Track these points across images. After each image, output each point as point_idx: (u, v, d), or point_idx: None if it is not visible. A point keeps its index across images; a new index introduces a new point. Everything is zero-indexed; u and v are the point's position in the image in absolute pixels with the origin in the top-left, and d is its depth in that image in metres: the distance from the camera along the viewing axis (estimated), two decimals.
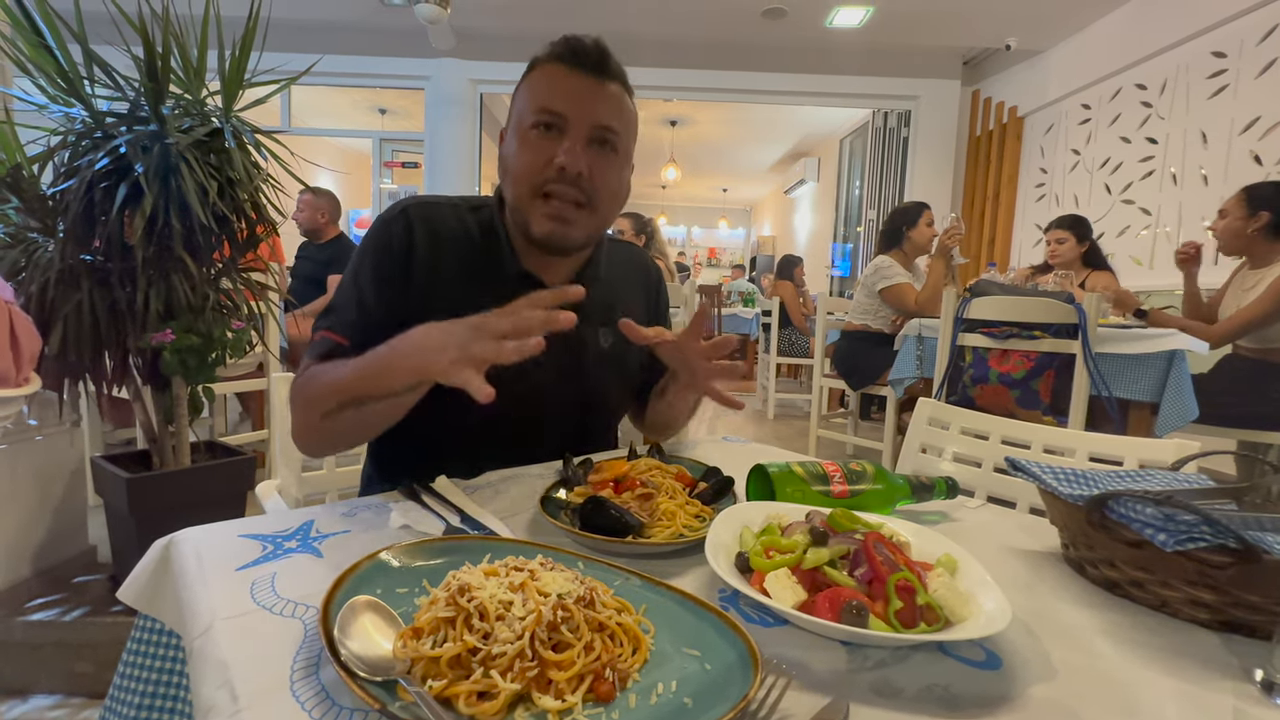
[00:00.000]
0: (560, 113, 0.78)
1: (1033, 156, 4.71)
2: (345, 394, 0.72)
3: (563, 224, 0.81)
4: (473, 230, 0.88)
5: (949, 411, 1.13)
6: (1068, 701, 0.41)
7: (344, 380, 0.72)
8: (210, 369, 1.58)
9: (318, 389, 0.76)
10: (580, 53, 0.79)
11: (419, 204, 0.87)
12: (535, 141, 0.79)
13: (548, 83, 0.80)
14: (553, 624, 0.39)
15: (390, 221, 0.85)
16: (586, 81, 0.80)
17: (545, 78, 0.81)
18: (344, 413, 0.73)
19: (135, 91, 1.47)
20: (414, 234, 0.84)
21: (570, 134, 0.79)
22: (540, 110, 0.79)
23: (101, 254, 1.45)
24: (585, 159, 0.79)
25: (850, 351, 3.13)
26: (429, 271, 0.84)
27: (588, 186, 0.80)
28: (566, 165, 0.78)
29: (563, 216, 0.80)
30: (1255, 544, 0.46)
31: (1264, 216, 2.19)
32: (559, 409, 0.90)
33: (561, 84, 0.79)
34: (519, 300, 0.61)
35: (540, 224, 0.81)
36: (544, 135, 0.79)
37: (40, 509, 1.60)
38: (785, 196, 9.42)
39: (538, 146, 0.79)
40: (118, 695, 0.57)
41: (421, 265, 0.83)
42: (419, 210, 0.86)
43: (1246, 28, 3.19)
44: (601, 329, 0.93)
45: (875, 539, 0.51)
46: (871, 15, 4.33)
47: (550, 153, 0.78)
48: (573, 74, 0.79)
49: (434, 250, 0.84)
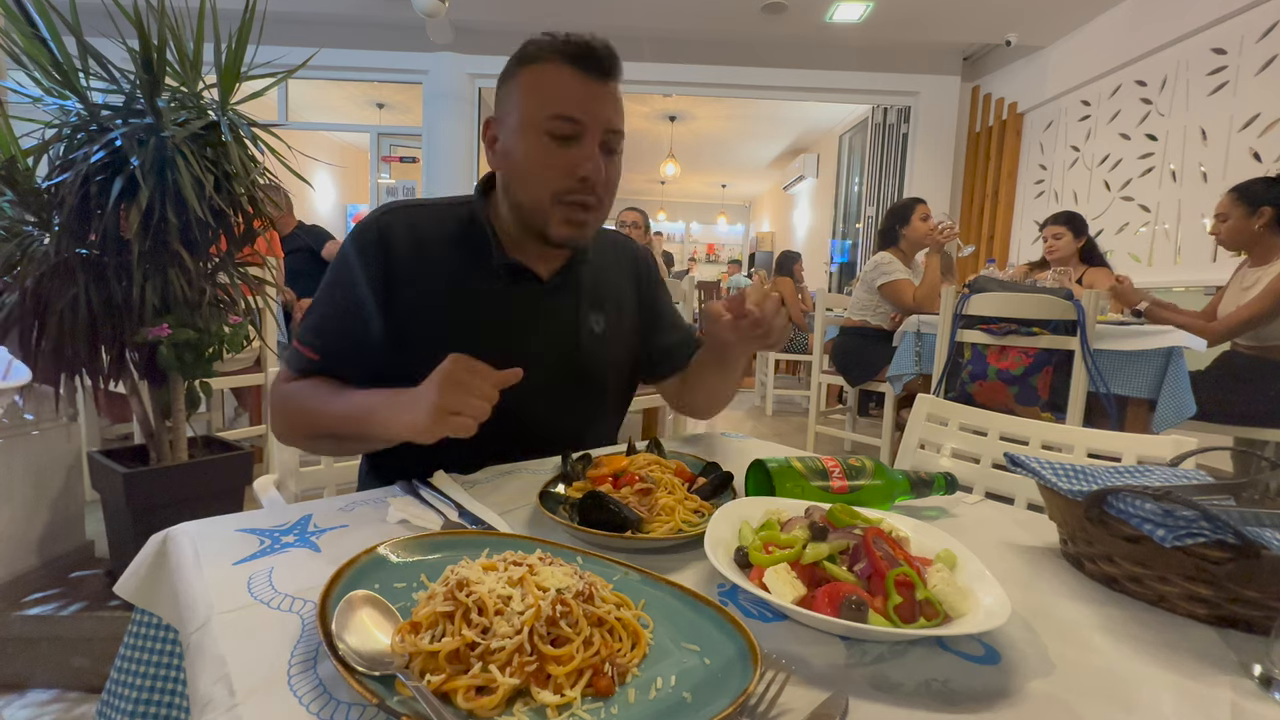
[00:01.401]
0: (578, 120, 0.79)
1: (1032, 153, 4.71)
2: (329, 431, 0.78)
3: (581, 228, 0.84)
4: (453, 227, 0.88)
5: (947, 407, 1.13)
6: (1066, 696, 0.41)
7: (328, 420, 0.77)
8: (207, 364, 1.57)
9: (298, 412, 0.81)
10: (593, 57, 0.80)
11: (394, 208, 0.88)
12: (552, 148, 0.80)
13: (562, 87, 0.80)
14: (551, 619, 0.39)
15: (365, 229, 0.86)
16: (599, 87, 0.80)
17: (559, 81, 0.80)
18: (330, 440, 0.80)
19: (131, 84, 1.46)
20: (390, 238, 0.84)
21: (587, 141, 0.80)
22: (557, 117, 0.79)
23: (97, 248, 1.44)
24: (603, 166, 0.81)
25: (849, 348, 3.13)
26: (409, 273, 0.84)
27: (600, 190, 0.82)
28: (591, 176, 0.80)
29: (581, 221, 0.83)
30: (1253, 540, 0.46)
31: (1267, 212, 2.20)
32: (556, 398, 0.90)
33: (577, 90, 0.80)
34: (459, 369, 0.64)
35: (560, 229, 0.83)
36: (560, 142, 0.80)
37: (37, 504, 1.59)
38: (784, 192, 9.40)
39: (555, 153, 0.80)
40: (115, 690, 0.57)
41: (401, 268, 0.84)
42: (394, 215, 0.87)
43: (1246, 24, 3.19)
44: (593, 315, 0.94)
45: (874, 534, 0.51)
46: (871, 10, 4.31)
47: (569, 160, 0.80)
48: (586, 80, 0.80)
49: (413, 251, 0.85)
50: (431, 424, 0.63)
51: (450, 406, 0.63)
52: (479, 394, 0.63)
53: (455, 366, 0.64)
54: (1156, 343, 1.90)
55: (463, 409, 0.63)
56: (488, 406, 0.64)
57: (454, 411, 0.63)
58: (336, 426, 0.77)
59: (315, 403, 0.79)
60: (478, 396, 0.63)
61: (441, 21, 4.46)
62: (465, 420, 0.63)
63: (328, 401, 0.78)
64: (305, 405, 0.80)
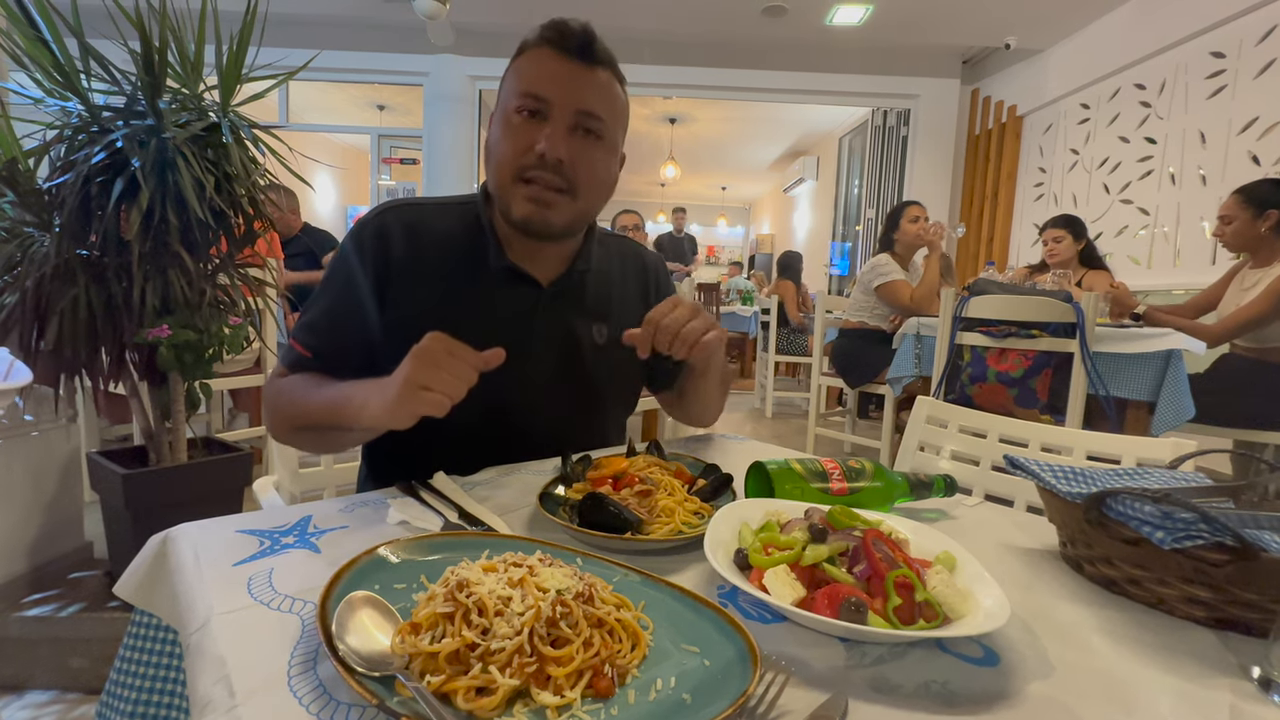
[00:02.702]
0: (544, 97, 0.78)
1: (1031, 156, 4.72)
2: (312, 421, 0.77)
3: (542, 207, 0.80)
4: (455, 227, 0.87)
5: (947, 410, 1.13)
6: (1065, 698, 0.41)
7: (311, 409, 0.76)
8: (207, 365, 1.57)
9: (288, 406, 0.80)
10: (567, 36, 0.78)
11: (395, 207, 0.87)
12: (518, 126, 0.79)
13: (533, 67, 0.79)
14: (551, 620, 0.39)
15: (363, 227, 0.85)
16: (572, 66, 0.79)
17: (531, 61, 0.80)
18: (313, 433, 0.78)
19: (132, 86, 1.47)
20: (389, 237, 0.84)
21: (553, 119, 0.78)
22: (524, 95, 0.78)
23: (98, 249, 1.44)
24: (567, 145, 0.78)
25: (848, 350, 3.14)
26: (407, 271, 0.83)
27: (569, 173, 0.79)
28: (546, 152, 0.77)
29: (542, 199, 0.80)
30: (1252, 542, 0.46)
31: (1273, 215, 2.19)
32: (555, 404, 0.90)
33: (546, 68, 0.78)
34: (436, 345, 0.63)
35: (520, 206, 0.80)
36: (527, 121, 0.78)
37: (36, 505, 1.59)
38: (784, 195, 9.41)
39: (520, 131, 0.78)
40: (114, 691, 0.56)
41: (399, 266, 0.83)
42: (395, 214, 0.86)
43: (1245, 28, 3.19)
44: (595, 324, 0.92)
45: (874, 536, 0.51)
46: (871, 13, 4.32)
47: (532, 138, 0.78)
48: (558, 58, 0.78)
49: (412, 250, 0.84)
50: (401, 399, 0.61)
51: (421, 381, 0.61)
52: (453, 372, 0.62)
53: (432, 343, 0.63)
54: (1155, 345, 1.90)
55: (434, 384, 0.61)
56: (461, 385, 0.62)
57: (424, 386, 0.61)
58: (317, 417, 0.76)
59: (299, 394, 0.78)
60: (451, 374, 0.61)
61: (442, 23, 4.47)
62: (437, 397, 0.61)
63: (310, 393, 0.77)
64: (292, 398, 0.79)
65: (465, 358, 0.63)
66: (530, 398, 0.87)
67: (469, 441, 0.84)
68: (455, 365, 0.62)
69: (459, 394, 0.62)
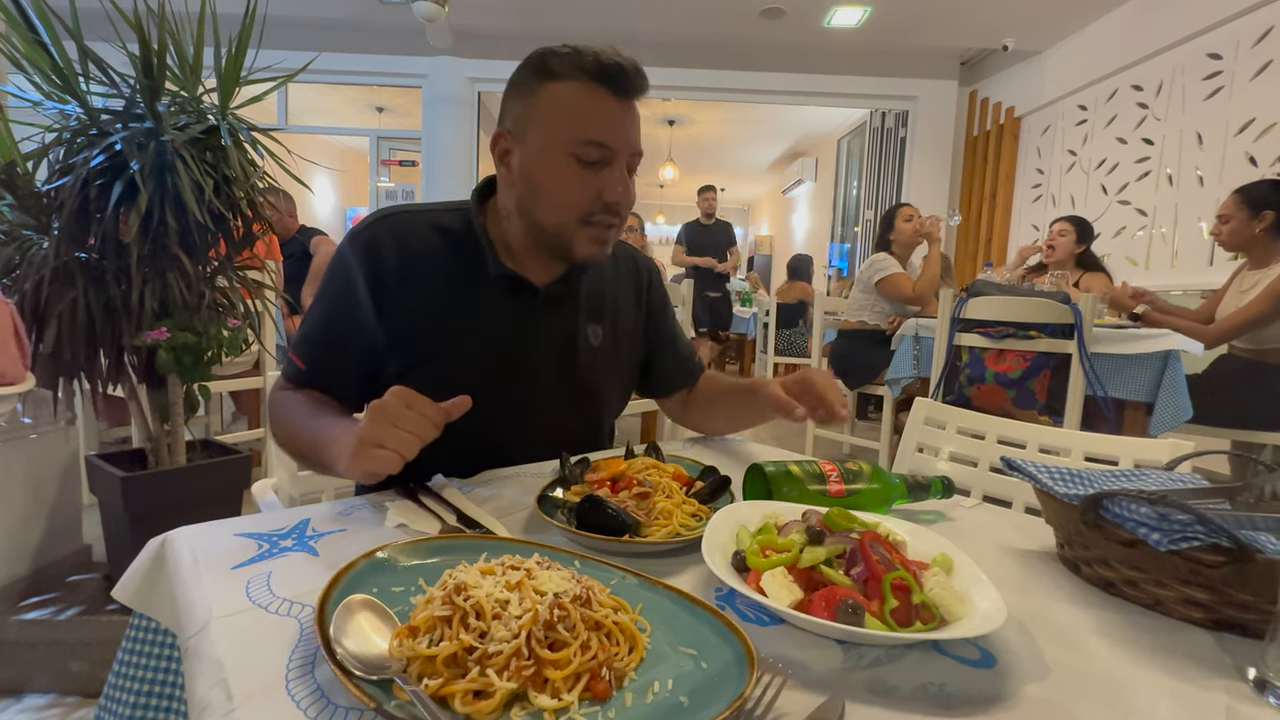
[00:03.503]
0: (608, 145, 0.79)
1: (1029, 157, 4.73)
2: (301, 452, 0.78)
3: (605, 246, 0.85)
4: (448, 235, 0.87)
5: (945, 411, 1.14)
6: (1062, 700, 0.41)
7: (301, 443, 0.77)
8: (206, 367, 1.57)
9: (286, 427, 0.81)
10: (623, 79, 0.78)
11: (386, 216, 0.87)
12: (580, 172, 0.79)
13: (591, 109, 0.78)
14: (549, 623, 0.39)
15: (355, 238, 0.85)
16: (624, 107, 0.80)
17: (588, 102, 0.78)
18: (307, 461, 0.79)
19: (131, 88, 1.47)
20: (380, 248, 0.83)
21: (615, 165, 0.80)
22: (587, 142, 0.78)
23: (96, 252, 1.44)
24: (626, 189, 0.82)
25: (847, 351, 3.14)
26: (401, 281, 0.83)
27: (623, 211, 0.83)
28: (620, 202, 0.81)
29: (606, 240, 0.84)
30: (1248, 543, 0.47)
31: (1269, 216, 2.20)
32: (552, 407, 0.90)
33: (608, 114, 0.79)
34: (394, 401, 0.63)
35: (585, 247, 0.83)
36: (589, 166, 0.79)
37: (35, 508, 1.59)
38: (783, 196, 9.42)
39: (584, 178, 0.79)
40: (112, 694, 0.56)
41: (392, 277, 0.83)
42: (386, 224, 0.86)
43: (1242, 30, 3.20)
44: (592, 326, 0.93)
45: (871, 538, 0.51)
46: (869, 15, 4.33)
47: (597, 184, 0.80)
48: (613, 99, 0.79)
49: (405, 261, 0.84)
50: (355, 457, 0.61)
51: (375, 438, 0.61)
52: (410, 427, 0.61)
53: (391, 399, 0.63)
54: (1153, 346, 1.90)
55: (387, 442, 0.60)
56: (414, 441, 0.61)
57: (378, 444, 0.61)
58: (305, 451, 0.77)
59: (292, 422, 0.79)
60: (407, 429, 0.61)
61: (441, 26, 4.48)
62: (389, 454, 0.60)
63: (301, 423, 0.78)
64: (285, 422, 0.80)
65: (424, 411, 0.63)
66: (528, 401, 0.88)
67: (468, 444, 0.84)
68: (412, 421, 0.62)
69: (411, 451, 0.62)
